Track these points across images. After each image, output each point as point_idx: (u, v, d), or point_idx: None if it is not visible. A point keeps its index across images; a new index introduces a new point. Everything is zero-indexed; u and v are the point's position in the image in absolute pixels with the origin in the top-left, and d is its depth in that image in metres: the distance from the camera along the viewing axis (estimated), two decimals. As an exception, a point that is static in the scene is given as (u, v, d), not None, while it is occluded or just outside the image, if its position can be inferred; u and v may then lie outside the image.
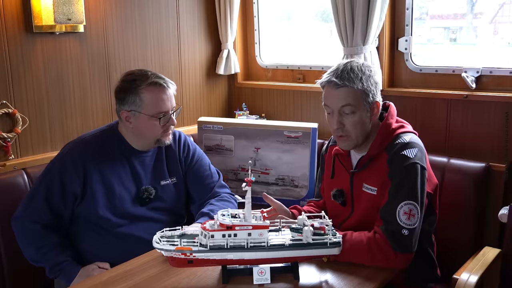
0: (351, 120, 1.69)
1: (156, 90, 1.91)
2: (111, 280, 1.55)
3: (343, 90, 1.67)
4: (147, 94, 1.90)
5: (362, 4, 2.36)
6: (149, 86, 1.90)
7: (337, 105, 1.69)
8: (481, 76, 2.31)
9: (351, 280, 1.51)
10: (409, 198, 1.60)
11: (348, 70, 1.68)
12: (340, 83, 1.66)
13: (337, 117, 1.71)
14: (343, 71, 1.68)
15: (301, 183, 2.49)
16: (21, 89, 2.25)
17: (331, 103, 1.71)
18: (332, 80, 1.68)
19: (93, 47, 2.51)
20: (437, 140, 2.41)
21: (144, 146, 2.00)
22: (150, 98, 1.90)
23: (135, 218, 1.95)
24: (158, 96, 1.91)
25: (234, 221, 1.46)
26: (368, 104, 1.70)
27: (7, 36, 2.17)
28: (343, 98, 1.68)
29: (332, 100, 1.71)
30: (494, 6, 2.50)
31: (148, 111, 1.90)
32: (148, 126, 1.92)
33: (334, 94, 1.69)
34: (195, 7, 3.01)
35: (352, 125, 1.70)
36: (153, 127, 1.92)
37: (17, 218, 1.88)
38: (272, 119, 3.02)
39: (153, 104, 1.90)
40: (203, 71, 3.14)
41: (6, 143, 2.20)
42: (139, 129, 1.94)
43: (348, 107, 1.68)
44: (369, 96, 1.70)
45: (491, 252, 1.93)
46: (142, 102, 1.90)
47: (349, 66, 1.69)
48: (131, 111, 1.91)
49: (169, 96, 1.95)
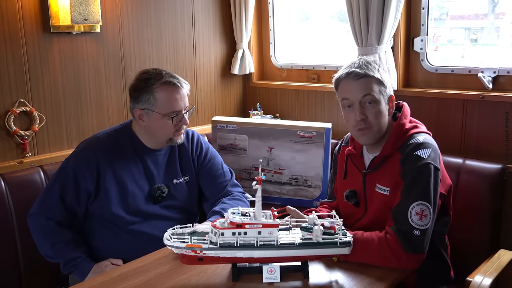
0: (372, 111, 1.69)
1: (170, 89, 1.93)
2: (122, 276, 1.56)
3: (364, 80, 1.68)
4: (160, 93, 1.91)
5: (377, 4, 2.34)
6: (163, 85, 1.92)
7: (359, 95, 1.68)
8: (498, 76, 2.27)
9: (362, 279, 1.50)
10: (422, 198, 1.58)
11: (365, 63, 1.70)
12: (361, 73, 1.67)
13: (359, 109, 1.69)
14: (360, 63, 1.70)
15: (314, 183, 2.48)
16: (39, 88, 2.30)
17: (352, 95, 1.70)
18: (352, 71, 1.68)
19: (109, 47, 2.55)
20: (452, 141, 2.38)
21: (156, 144, 2.01)
22: (163, 97, 1.91)
23: (147, 216, 1.97)
24: (172, 95, 1.93)
25: (244, 219, 1.46)
26: (386, 95, 1.71)
27: (25, 36, 2.22)
28: (364, 87, 1.68)
29: (353, 91, 1.69)
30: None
31: (161, 110, 1.92)
32: (160, 125, 1.94)
33: (354, 85, 1.69)
34: (210, 7, 3.03)
35: (374, 116, 1.69)
36: (165, 126, 1.94)
37: (33, 215, 1.91)
38: (287, 119, 3.02)
39: (166, 103, 1.92)
40: (218, 71, 3.15)
41: (24, 141, 2.25)
42: (151, 127, 1.96)
43: (369, 96, 1.67)
44: (387, 87, 1.71)
45: (507, 255, 1.89)
46: (156, 101, 1.91)
47: (364, 60, 1.72)
48: (145, 109, 1.93)
49: (183, 96, 1.96)
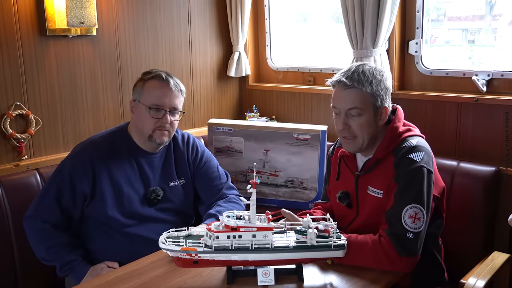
0: (357, 122, 1.69)
1: (158, 83, 1.96)
2: (118, 279, 1.57)
3: (351, 91, 1.68)
4: (149, 85, 1.96)
5: (372, 7, 2.35)
6: (154, 79, 1.97)
7: (345, 107, 1.70)
8: (492, 79, 2.28)
9: (356, 282, 1.52)
10: (415, 201, 1.59)
11: (359, 72, 1.68)
12: (349, 84, 1.67)
13: (343, 118, 1.71)
14: (354, 72, 1.69)
15: (310, 185, 2.50)
16: (35, 91, 2.30)
17: (339, 104, 1.71)
18: (341, 80, 1.69)
19: (105, 50, 2.55)
20: (447, 144, 2.39)
21: (145, 144, 2.01)
22: (149, 89, 1.96)
23: (143, 219, 1.97)
24: (157, 89, 1.95)
25: (239, 223, 1.47)
26: (375, 109, 1.70)
27: (21, 39, 2.22)
28: (350, 100, 1.68)
29: (340, 101, 1.71)
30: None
31: (145, 101, 1.95)
32: (143, 117, 1.95)
33: (342, 95, 1.70)
34: (206, 10, 3.04)
35: (358, 127, 1.70)
36: (146, 119, 1.95)
37: (28, 218, 1.92)
38: (283, 121, 3.03)
39: (150, 95, 1.95)
40: (214, 73, 3.16)
41: (20, 144, 2.25)
42: (137, 120, 1.99)
43: (355, 110, 1.68)
44: (378, 100, 1.70)
45: (500, 257, 1.90)
46: (143, 91, 1.96)
47: (361, 69, 1.70)
48: (135, 100, 1.98)
49: (170, 94, 1.96)
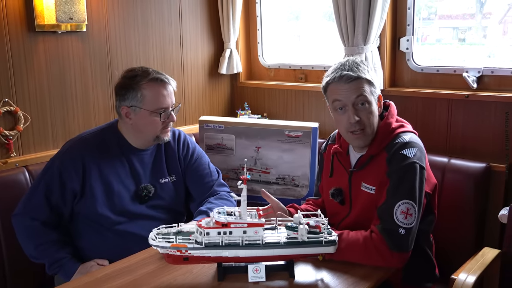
0: (366, 112, 1.69)
1: (157, 86, 1.93)
2: (108, 276, 1.56)
3: (356, 82, 1.68)
4: (148, 90, 1.91)
5: (363, 4, 2.35)
6: (151, 82, 1.92)
7: (352, 97, 1.68)
8: (482, 76, 2.29)
9: (347, 278, 1.51)
10: (407, 197, 1.59)
11: (354, 64, 1.71)
12: (354, 76, 1.67)
13: (352, 111, 1.69)
14: (350, 65, 1.70)
15: (301, 182, 2.49)
16: (23, 87, 2.27)
17: (344, 97, 1.69)
18: (344, 74, 1.68)
19: (95, 46, 2.53)
20: (437, 140, 2.40)
21: (143, 143, 2.00)
22: (151, 94, 1.91)
23: (134, 216, 1.96)
24: (159, 92, 1.93)
25: (229, 219, 1.46)
26: (376, 95, 1.73)
27: (9, 35, 2.19)
28: (356, 89, 1.68)
29: (345, 93, 1.69)
30: (503, 6, 2.48)
31: (148, 107, 1.91)
32: (148, 122, 1.93)
33: (346, 87, 1.69)
34: (197, 6, 3.02)
35: (367, 117, 1.69)
36: (153, 123, 1.93)
37: (17, 215, 1.89)
38: (274, 119, 3.02)
39: (153, 99, 1.92)
40: (206, 71, 3.15)
41: (8, 141, 2.22)
42: (138, 125, 1.95)
43: (362, 97, 1.68)
44: (375, 87, 1.72)
45: (491, 253, 1.92)
46: (143, 97, 1.91)
47: (352, 61, 1.73)
48: (132, 106, 1.92)
49: (170, 93, 1.96)
